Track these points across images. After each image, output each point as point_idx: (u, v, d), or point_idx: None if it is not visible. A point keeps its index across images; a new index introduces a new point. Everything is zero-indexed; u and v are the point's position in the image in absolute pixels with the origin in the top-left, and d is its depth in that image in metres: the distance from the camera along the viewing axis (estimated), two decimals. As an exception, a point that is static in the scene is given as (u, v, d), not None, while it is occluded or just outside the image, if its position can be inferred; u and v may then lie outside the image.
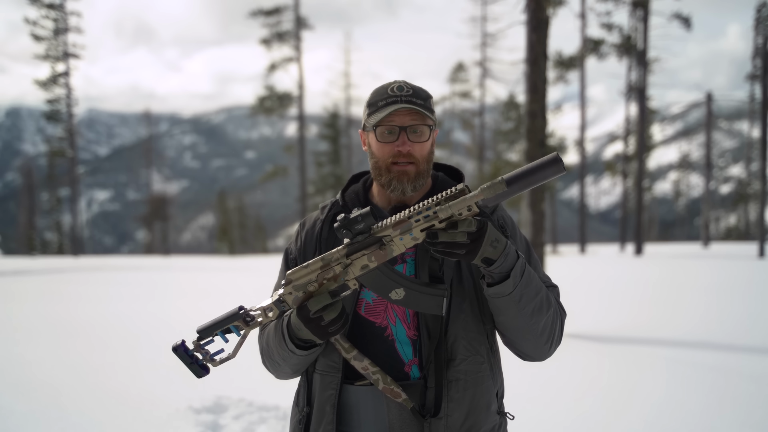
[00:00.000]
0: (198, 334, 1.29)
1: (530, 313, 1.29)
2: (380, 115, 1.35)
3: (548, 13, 7.97)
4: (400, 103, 1.34)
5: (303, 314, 1.26)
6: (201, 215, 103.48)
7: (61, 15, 35.61)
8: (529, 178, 1.15)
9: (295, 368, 1.42)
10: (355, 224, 1.20)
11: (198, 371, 1.30)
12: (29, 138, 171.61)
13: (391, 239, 1.21)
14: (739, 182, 50.65)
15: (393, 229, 1.20)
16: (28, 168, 48.18)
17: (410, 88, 1.38)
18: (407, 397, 1.31)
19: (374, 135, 1.38)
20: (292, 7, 32.63)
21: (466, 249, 1.19)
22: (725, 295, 10.26)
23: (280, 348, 1.36)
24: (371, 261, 1.22)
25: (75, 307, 9.62)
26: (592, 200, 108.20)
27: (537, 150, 7.61)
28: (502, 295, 1.26)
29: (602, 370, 5.35)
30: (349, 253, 1.24)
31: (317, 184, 36.32)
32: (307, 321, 1.26)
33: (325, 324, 1.26)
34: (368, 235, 1.22)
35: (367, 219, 1.20)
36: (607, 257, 23.58)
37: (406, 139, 1.35)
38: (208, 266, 22.00)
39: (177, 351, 1.29)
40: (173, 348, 1.28)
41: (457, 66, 37.49)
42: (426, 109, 1.36)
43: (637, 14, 26.40)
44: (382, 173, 1.39)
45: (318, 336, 1.27)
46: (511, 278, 1.24)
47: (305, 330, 1.27)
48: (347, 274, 1.24)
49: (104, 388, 4.67)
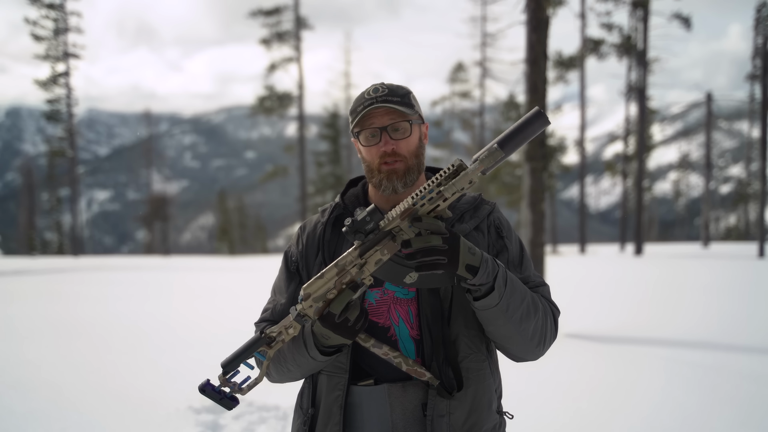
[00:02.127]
0: (223, 368, 1.30)
1: (518, 320, 1.30)
2: (359, 119, 1.38)
3: (548, 13, 7.96)
4: (376, 103, 1.35)
5: (329, 321, 1.27)
6: (201, 215, 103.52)
7: (61, 15, 35.61)
8: (519, 135, 1.19)
9: (308, 373, 1.42)
10: (364, 225, 1.21)
11: (228, 404, 1.32)
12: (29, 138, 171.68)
13: (401, 229, 1.22)
14: (739, 182, 50.65)
15: (401, 219, 1.21)
16: (28, 168, 48.21)
17: (386, 88, 1.39)
18: (432, 376, 1.33)
19: (359, 141, 1.41)
20: (292, 7, 32.63)
21: (447, 256, 1.19)
22: (725, 295, 10.26)
23: (299, 355, 1.36)
24: (384, 255, 1.23)
25: (75, 307, 9.62)
26: (592, 200, 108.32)
27: (537, 150, 7.61)
28: (490, 307, 1.27)
29: (601, 370, 5.35)
30: (362, 253, 1.24)
31: (317, 184, 36.31)
32: (335, 327, 1.27)
33: (351, 324, 1.27)
34: (378, 231, 1.23)
35: (374, 216, 1.21)
36: (607, 257, 23.58)
37: (389, 138, 1.37)
38: (208, 266, 21.99)
39: (204, 391, 1.30)
40: (200, 389, 1.30)
41: (457, 66, 37.49)
42: (403, 105, 1.37)
43: (637, 14, 26.39)
44: (373, 175, 1.41)
45: (347, 337, 1.28)
46: (496, 289, 1.25)
47: (335, 336, 1.28)
48: (363, 273, 1.25)
49: (104, 388, 4.67)
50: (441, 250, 1.19)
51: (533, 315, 1.33)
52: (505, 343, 1.37)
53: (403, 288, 1.37)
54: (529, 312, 1.32)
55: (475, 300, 1.28)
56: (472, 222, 1.43)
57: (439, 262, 1.19)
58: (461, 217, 1.43)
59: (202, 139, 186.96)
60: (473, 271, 1.23)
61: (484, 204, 1.48)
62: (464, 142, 42.23)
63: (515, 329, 1.31)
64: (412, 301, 1.38)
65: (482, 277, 1.23)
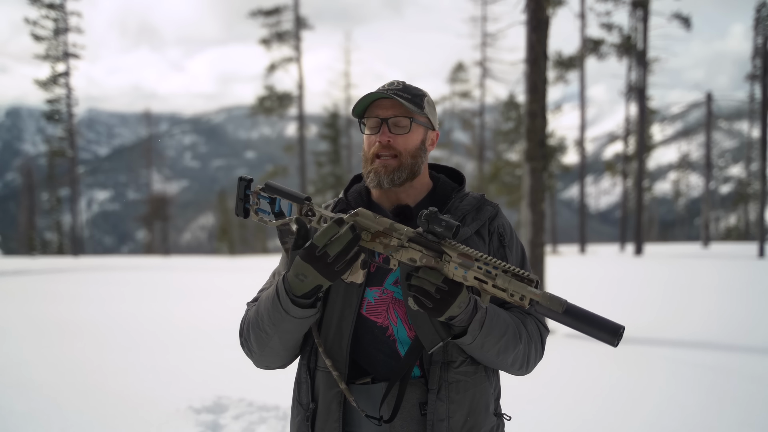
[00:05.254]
0: (264, 185, 1.33)
1: (495, 353, 1.32)
2: (361, 104, 1.38)
3: (548, 13, 7.96)
4: (384, 95, 1.36)
5: (310, 252, 1.22)
6: (201, 215, 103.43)
7: (61, 15, 35.61)
8: (584, 322, 1.16)
9: (284, 340, 1.35)
10: (437, 223, 1.19)
11: (240, 210, 1.34)
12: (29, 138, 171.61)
13: (449, 261, 1.20)
14: (739, 182, 50.64)
15: (458, 255, 1.20)
16: (28, 168, 48.20)
17: (401, 84, 1.41)
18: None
19: (363, 128, 1.42)
20: (291, 7, 32.64)
21: (434, 303, 1.19)
22: (725, 295, 10.26)
23: (274, 311, 1.30)
24: (421, 261, 1.22)
25: (75, 307, 9.62)
26: (592, 200, 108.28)
27: (537, 150, 7.61)
28: (463, 345, 1.30)
29: (602, 370, 5.35)
30: (412, 239, 1.24)
31: (317, 184, 36.30)
32: (312, 260, 1.22)
33: (331, 261, 1.21)
34: (439, 241, 1.22)
35: (448, 229, 1.19)
36: (607, 257, 23.58)
37: (387, 130, 1.37)
38: (209, 266, 21.99)
39: (240, 180, 1.33)
40: (240, 176, 1.33)
41: (457, 66, 37.50)
42: (412, 103, 1.37)
43: (637, 14, 26.38)
44: (366, 166, 1.42)
45: (323, 275, 1.22)
46: (469, 333, 1.26)
47: (312, 273, 1.23)
48: (398, 252, 1.24)
49: (104, 388, 4.67)
50: (430, 294, 1.19)
51: (512, 348, 1.34)
52: (486, 365, 1.40)
53: (401, 289, 1.37)
54: (507, 347, 1.33)
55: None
56: (473, 225, 1.43)
57: (425, 303, 1.20)
58: (463, 219, 1.43)
59: (202, 139, 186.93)
60: (451, 318, 1.24)
61: (487, 205, 1.47)
62: (464, 142, 42.25)
63: (494, 360, 1.34)
64: None
65: (457, 321, 1.25)
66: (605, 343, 1.17)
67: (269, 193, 1.32)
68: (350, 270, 1.26)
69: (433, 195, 1.48)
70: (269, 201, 1.33)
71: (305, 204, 1.31)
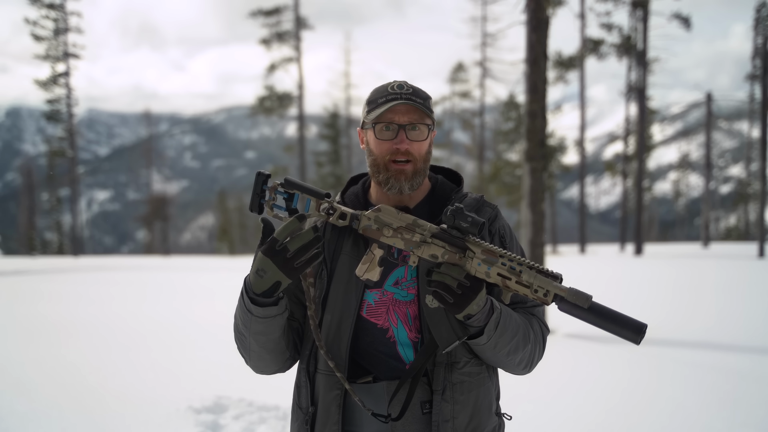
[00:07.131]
0: (284, 180, 1.31)
1: (506, 353, 1.33)
2: (379, 111, 1.35)
3: (548, 13, 7.97)
4: (400, 99, 1.35)
5: (270, 246, 1.21)
6: (201, 215, 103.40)
7: (61, 15, 35.57)
8: (607, 320, 1.17)
9: (260, 342, 1.33)
10: (463, 219, 1.21)
11: (255, 204, 1.31)
12: (29, 138, 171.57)
13: (473, 258, 1.22)
14: (739, 182, 50.66)
15: (482, 252, 1.21)
16: (28, 168, 48.17)
17: (410, 87, 1.39)
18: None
19: (373, 132, 1.38)
20: (291, 7, 32.62)
21: (455, 299, 1.20)
22: (725, 295, 10.26)
23: (241, 311, 1.30)
24: (443, 257, 1.23)
25: (75, 307, 9.61)
26: (592, 200, 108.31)
27: (537, 150, 7.61)
28: (477, 345, 1.30)
29: (602, 370, 5.35)
30: (435, 235, 1.25)
31: (317, 184, 36.30)
32: (272, 254, 1.21)
33: (290, 257, 1.21)
34: (463, 237, 1.23)
35: (474, 225, 1.21)
36: (607, 257, 23.58)
37: (405, 137, 1.36)
38: (209, 266, 21.99)
39: (258, 176, 1.31)
40: (258, 171, 1.31)
41: (457, 66, 37.47)
42: (425, 108, 1.37)
43: (637, 14, 26.38)
44: (380, 171, 1.39)
45: (282, 271, 1.22)
46: (485, 333, 1.27)
47: (271, 268, 1.22)
48: (419, 248, 1.25)
49: (104, 388, 4.67)
50: (452, 290, 1.21)
51: (522, 348, 1.36)
52: (491, 365, 1.42)
53: (401, 290, 1.39)
54: (518, 347, 1.34)
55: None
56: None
57: (446, 298, 1.21)
58: None
59: (202, 139, 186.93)
60: (469, 317, 1.25)
61: (486, 207, 1.47)
62: (464, 142, 42.24)
63: (503, 360, 1.35)
64: (411, 304, 1.38)
65: (474, 321, 1.26)
66: (628, 340, 1.18)
67: (288, 189, 1.30)
68: (365, 267, 1.28)
69: (432, 196, 1.48)
70: (286, 197, 1.32)
71: (325, 200, 1.31)
